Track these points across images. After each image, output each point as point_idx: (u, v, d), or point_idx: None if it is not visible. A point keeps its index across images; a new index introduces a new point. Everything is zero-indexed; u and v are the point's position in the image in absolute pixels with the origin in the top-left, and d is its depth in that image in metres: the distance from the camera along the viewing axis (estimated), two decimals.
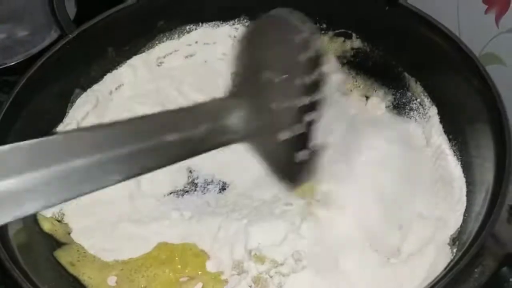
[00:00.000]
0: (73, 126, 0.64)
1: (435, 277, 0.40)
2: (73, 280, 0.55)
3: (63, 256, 0.56)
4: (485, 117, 0.54)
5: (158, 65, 0.72)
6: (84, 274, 0.56)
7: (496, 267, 0.41)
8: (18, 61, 0.79)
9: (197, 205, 0.61)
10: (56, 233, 0.58)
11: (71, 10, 0.82)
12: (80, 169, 0.35)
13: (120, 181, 0.37)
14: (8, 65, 0.78)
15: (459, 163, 0.58)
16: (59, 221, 0.59)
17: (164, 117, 0.43)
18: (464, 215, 0.52)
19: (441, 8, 0.65)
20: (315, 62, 0.42)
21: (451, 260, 0.44)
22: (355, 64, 0.71)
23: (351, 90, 0.71)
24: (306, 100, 0.42)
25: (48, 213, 0.59)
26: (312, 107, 0.42)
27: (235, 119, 0.43)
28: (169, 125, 0.40)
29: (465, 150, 0.59)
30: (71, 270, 0.55)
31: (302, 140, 0.43)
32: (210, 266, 0.56)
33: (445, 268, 0.43)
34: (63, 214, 0.60)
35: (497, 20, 0.58)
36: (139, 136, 0.38)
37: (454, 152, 0.59)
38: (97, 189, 0.36)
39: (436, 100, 0.64)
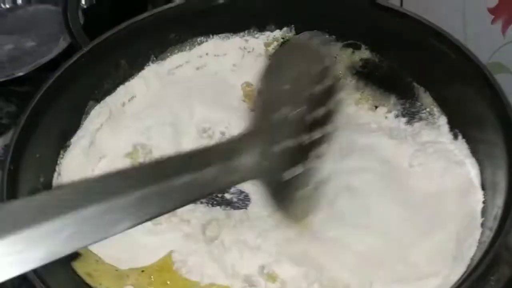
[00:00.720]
0: (87, 137, 0.65)
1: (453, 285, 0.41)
2: None
3: (81, 267, 0.57)
4: (496, 126, 0.55)
5: (170, 77, 0.73)
6: (101, 285, 0.56)
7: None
8: (26, 71, 0.80)
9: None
10: None
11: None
12: (89, 218, 0.34)
13: (129, 228, 0.37)
14: (16, 75, 0.79)
15: None
16: None
17: (173, 160, 0.43)
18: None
19: (448, 17, 0.66)
20: (330, 92, 0.43)
21: (466, 270, 0.44)
22: (364, 74, 0.72)
23: (359, 99, 0.71)
24: (316, 135, 0.43)
25: None
26: (322, 140, 0.43)
27: (247, 160, 0.42)
28: (179, 168, 0.40)
29: (476, 159, 0.59)
30: (88, 280, 0.56)
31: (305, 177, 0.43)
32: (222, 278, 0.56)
33: (460, 278, 0.44)
34: None
35: (503, 30, 0.59)
36: (147, 181, 0.38)
37: None
38: (106, 237, 0.36)
39: (446, 110, 0.65)
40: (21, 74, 0.79)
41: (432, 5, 0.66)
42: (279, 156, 0.43)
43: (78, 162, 0.63)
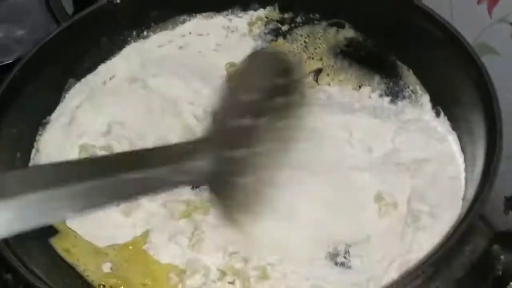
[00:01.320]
0: (66, 114, 0.65)
1: (426, 254, 0.41)
2: (68, 268, 0.56)
3: (59, 243, 0.56)
4: (478, 104, 0.54)
5: (152, 55, 0.72)
6: (79, 260, 0.56)
7: (487, 245, 0.41)
8: (14, 59, 0.79)
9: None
10: None
11: (69, 9, 0.83)
12: (33, 204, 0.35)
13: (73, 216, 0.39)
14: (5, 63, 0.78)
15: None
16: None
17: (126, 156, 0.44)
18: None
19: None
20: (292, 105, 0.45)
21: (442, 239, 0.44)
22: (349, 54, 0.72)
23: (343, 80, 0.71)
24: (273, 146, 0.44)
25: None
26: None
27: (199, 164, 0.42)
28: (130, 163, 0.40)
29: (457, 136, 0.59)
30: (66, 257, 0.56)
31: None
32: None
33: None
34: None
35: (489, 9, 0.58)
36: (97, 173, 0.38)
37: None
38: (46, 223, 0.38)
39: (429, 88, 0.64)
40: (10, 61, 0.78)
41: None
42: (231, 162, 0.43)
43: (57, 139, 0.63)
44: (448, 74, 0.61)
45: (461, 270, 0.41)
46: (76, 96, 0.66)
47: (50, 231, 0.57)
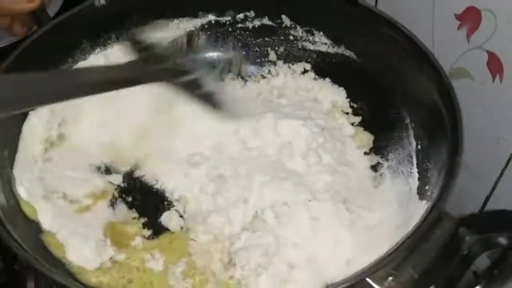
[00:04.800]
0: (45, 113, 0.66)
1: (400, 238, 0.46)
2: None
3: (50, 239, 0.57)
4: (440, 104, 0.60)
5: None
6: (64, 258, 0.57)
7: (454, 228, 0.46)
8: (4, 45, 0.78)
9: None
10: None
11: (58, 2, 0.83)
12: None
13: None
14: None
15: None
16: None
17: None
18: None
19: (418, 21, 0.68)
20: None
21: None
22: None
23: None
24: None
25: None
26: None
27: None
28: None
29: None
30: (57, 253, 0.56)
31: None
32: None
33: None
34: None
35: (468, 36, 0.61)
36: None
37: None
38: None
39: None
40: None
41: (404, 8, 0.69)
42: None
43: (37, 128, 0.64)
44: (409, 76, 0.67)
45: (433, 250, 0.46)
46: None
47: None
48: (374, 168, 0.66)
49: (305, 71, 0.77)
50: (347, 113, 0.72)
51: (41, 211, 0.58)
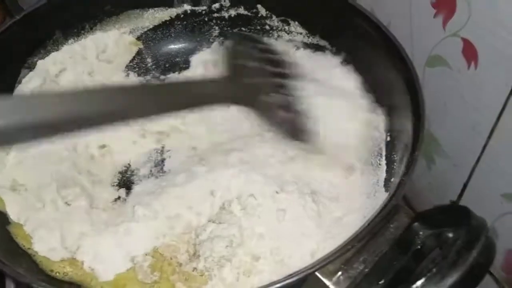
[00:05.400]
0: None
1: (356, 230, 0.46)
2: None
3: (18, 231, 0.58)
4: (407, 96, 0.60)
5: (103, 51, 0.74)
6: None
7: (409, 223, 0.46)
8: None
9: None
10: None
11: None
12: None
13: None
14: None
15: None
16: None
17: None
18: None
19: (395, 10, 0.69)
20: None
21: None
22: None
23: None
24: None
25: None
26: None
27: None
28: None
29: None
30: (24, 243, 0.57)
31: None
32: None
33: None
34: None
35: (444, 24, 0.62)
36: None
37: None
38: None
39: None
40: None
41: None
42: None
43: None
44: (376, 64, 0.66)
45: (386, 244, 0.46)
46: (28, 85, 0.68)
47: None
48: None
49: None
50: None
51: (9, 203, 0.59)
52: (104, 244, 0.57)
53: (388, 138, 0.64)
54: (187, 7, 0.77)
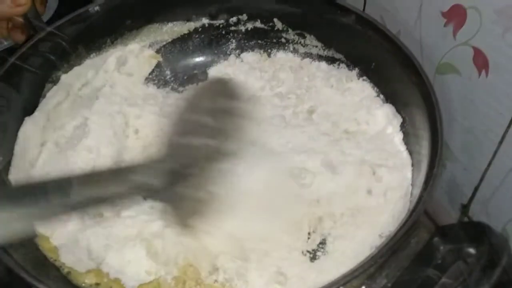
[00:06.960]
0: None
1: (377, 247, 0.47)
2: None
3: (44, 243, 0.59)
4: (423, 110, 0.61)
5: (123, 64, 0.76)
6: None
7: (429, 238, 0.47)
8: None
9: None
10: None
11: (53, 3, 0.85)
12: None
13: None
14: None
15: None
16: None
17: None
18: None
19: (405, 20, 0.70)
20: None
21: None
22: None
23: None
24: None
25: None
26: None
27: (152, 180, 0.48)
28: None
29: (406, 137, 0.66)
30: (51, 255, 0.59)
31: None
32: None
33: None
34: None
35: (454, 33, 0.63)
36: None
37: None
38: None
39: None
40: None
41: (392, 7, 0.71)
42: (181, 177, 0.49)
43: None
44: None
45: (407, 259, 0.47)
46: (53, 99, 0.69)
47: None
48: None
49: None
50: None
51: None
52: (129, 256, 0.58)
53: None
54: (205, 21, 0.78)
